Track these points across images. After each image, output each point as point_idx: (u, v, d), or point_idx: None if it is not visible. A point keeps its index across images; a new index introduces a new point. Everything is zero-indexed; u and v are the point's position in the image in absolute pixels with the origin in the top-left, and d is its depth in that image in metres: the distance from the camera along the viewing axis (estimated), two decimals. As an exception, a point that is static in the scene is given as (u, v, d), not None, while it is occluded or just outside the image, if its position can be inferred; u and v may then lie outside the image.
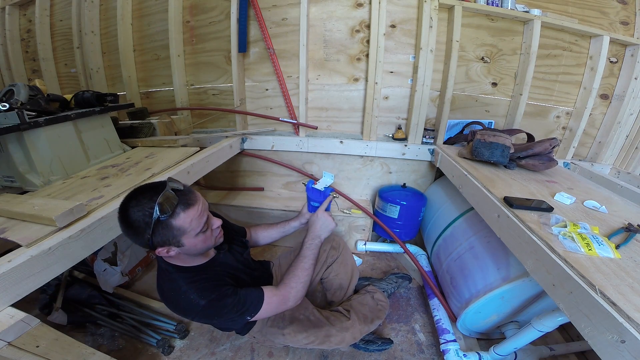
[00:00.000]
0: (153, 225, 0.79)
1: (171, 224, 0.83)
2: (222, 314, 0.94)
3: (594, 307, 0.65)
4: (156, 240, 0.82)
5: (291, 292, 1.04)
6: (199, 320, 0.97)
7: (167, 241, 0.84)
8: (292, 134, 2.05)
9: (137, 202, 0.81)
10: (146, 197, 0.81)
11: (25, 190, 1.22)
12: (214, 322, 0.99)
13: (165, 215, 0.80)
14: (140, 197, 0.82)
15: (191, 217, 0.85)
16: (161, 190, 0.82)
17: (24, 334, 0.74)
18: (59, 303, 1.38)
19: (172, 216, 0.82)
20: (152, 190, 0.82)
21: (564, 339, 1.40)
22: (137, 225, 0.80)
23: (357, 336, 1.17)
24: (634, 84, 1.83)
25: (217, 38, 1.95)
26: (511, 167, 1.48)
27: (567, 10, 1.79)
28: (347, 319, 1.19)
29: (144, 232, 0.80)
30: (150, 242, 0.82)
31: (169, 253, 0.87)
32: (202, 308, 0.90)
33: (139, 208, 0.80)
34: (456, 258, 1.47)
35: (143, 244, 0.83)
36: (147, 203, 0.80)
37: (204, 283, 0.93)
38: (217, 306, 0.91)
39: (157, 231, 0.81)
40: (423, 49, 1.73)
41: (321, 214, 1.21)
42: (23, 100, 1.22)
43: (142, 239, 0.82)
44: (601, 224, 0.97)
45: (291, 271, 1.09)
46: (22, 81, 2.15)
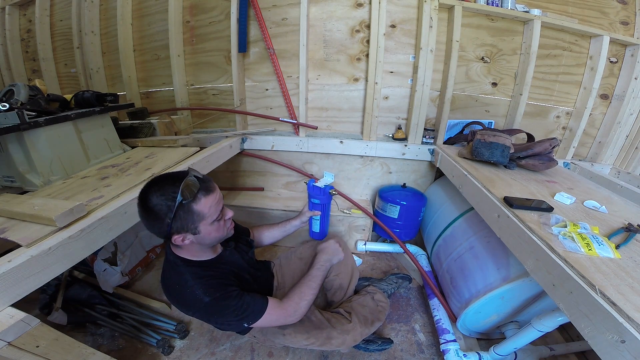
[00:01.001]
0: (175, 208, 0.83)
1: (192, 209, 0.86)
2: (223, 314, 0.94)
3: (594, 307, 0.65)
4: (175, 225, 0.85)
5: (295, 308, 1.06)
6: (200, 316, 0.97)
7: (186, 227, 0.87)
8: (292, 134, 2.05)
9: (160, 187, 0.84)
10: (169, 183, 0.85)
11: (25, 190, 1.22)
12: (213, 320, 0.99)
13: (188, 199, 0.84)
14: (162, 183, 0.86)
15: (210, 203, 0.90)
16: (183, 177, 0.86)
17: (24, 334, 0.74)
18: (59, 303, 1.38)
19: (194, 201, 0.86)
20: (175, 177, 0.87)
21: (564, 339, 1.40)
22: (158, 209, 0.83)
23: (357, 339, 1.17)
24: (634, 84, 1.83)
25: (217, 38, 1.95)
26: (511, 167, 1.48)
27: (567, 10, 1.79)
28: (348, 322, 1.19)
29: (164, 217, 0.83)
30: (169, 227, 0.84)
31: (184, 241, 0.89)
32: (204, 305, 0.91)
33: (162, 192, 0.84)
34: (456, 258, 1.47)
35: (160, 231, 0.86)
36: (170, 187, 0.84)
37: (211, 280, 0.94)
38: (220, 305, 0.92)
39: (178, 215, 0.84)
40: (423, 49, 1.73)
41: (333, 242, 1.27)
42: (23, 100, 1.22)
43: (161, 225, 0.84)
44: (601, 224, 0.97)
45: (298, 288, 1.11)
46: (22, 81, 2.15)
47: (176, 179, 0.86)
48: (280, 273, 1.37)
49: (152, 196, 0.83)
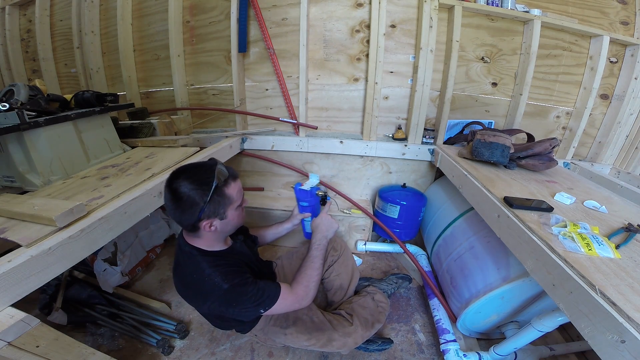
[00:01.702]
0: (211, 192, 0.88)
1: (224, 192, 0.92)
2: (241, 301, 0.96)
3: (594, 307, 0.65)
4: (208, 210, 0.89)
5: (305, 291, 1.08)
6: (217, 306, 0.96)
7: (216, 211, 0.91)
8: (292, 134, 2.05)
9: (192, 175, 0.89)
10: (200, 170, 0.91)
11: (25, 190, 1.22)
12: (230, 309, 0.97)
13: (222, 183, 0.91)
14: (193, 171, 0.90)
15: (237, 188, 0.97)
16: (211, 164, 0.92)
17: (24, 334, 0.74)
18: (59, 303, 1.38)
19: (226, 185, 0.92)
20: (203, 165, 0.93)
21: (564, 339, 1.40)
22: (192, 195, 0.87)
23: (358, 341, 1.17)
24: (634, 84, 1.83)
25: (217, 38, 1.95)
26: (511, 167, 1.48)
27: (567, 10, 1.79)
28: (349, 324, 1.19)
29: (199, 202, 0.87)
30: (201, 212, 0.88)
31: (211, 227, 0.93)
32: (224, 292, 0.92)
33: (196, 179, 0.88)
34: (456, 258, 1.47)
35: (191, 217, 0.89)
36: (205, 174, 0.89)
37: (227, 268, 0.97)
38: (238, 292, 0.94)
39: (212, 199, 0.89)
40: (423, 49, 1.73)
41: (324, 216, 1.27)
42: (23, 100, 1.22)
43: (194, 210, 0.88)
44: (601, 224, 0.97)
45: (303, 271, 1.12)
46: (22, 81, 2.15)
47: (206, 166, 0.92)
48: (282, 273, 1.38)
49: (184, 183, 0.87)
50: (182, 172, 0.90)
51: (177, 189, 0.87)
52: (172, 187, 0.88)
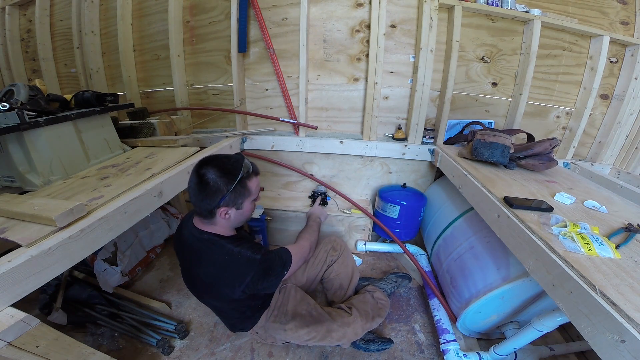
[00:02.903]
0: (237, 181, 0.95)
1: (246, 185, 1.00)
2: (273, 267, 1.04)
3: (594, 307, 0.65)
4: (230, 198, 0.96)
5: (308, 245, 1.25)
6: (256, 279, 1.00)
7: (234, 201, 0.99)
8: (292, 134, 2.05)
9: (220, 164, 0.96)
10: (229, 160, 0.98)
11: (25, 190, 1.22)
12: (264, 282, 1.03)
13: (247, 175, 0.99)
14: (221, 161, 0.98)
15: (257, 183, 1.06)
16: (238, 157, 1.00)
17: (24, 334, 0.73)
18: (59, 303, 1.38)
19: (248, 178, 1.00)
20: (231, 157, 1.00)
21: (564, 339, 1.40)
22: (217, 182, 0.94)
23: (358, 332, 1.18)
24: (634, 84, 1.83)
25: (217, 38, 1.95)
26: (511, 167, 1.48)
27: (567, 10, 1.79)
28: (348, 315, 1.20)
29: (223, 190, 0.94)
30: (222, 199, 0.95)
31: (226, 216, 0.99)
32: (259, 262, 0.99)
33: (223, 168, 0.95)
34: (456, 258, 1.47)
35: (211, 204, 0.96)
36: (232, 164, 0.97)
37: (248, 243, 1.04)
38: (269, 259, 1.03)
39: (236, 189, 0.96)
40: (423, 49, 1.73)
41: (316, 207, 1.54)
42: (23, 100, 1.21)
43: (215, 197, 0.95)
44: (601, 224, 0.97)
45: (303, 235, 1.32)
46: (22, 81, 2.15)
47: (234, 157, 1.00)
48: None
49: (212, 170, 0.94)
50: (212, 160, 0.97)
51: (204, 174, 0.94)
52: (200, 172, 0.94)
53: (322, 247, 1.45)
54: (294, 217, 1.97)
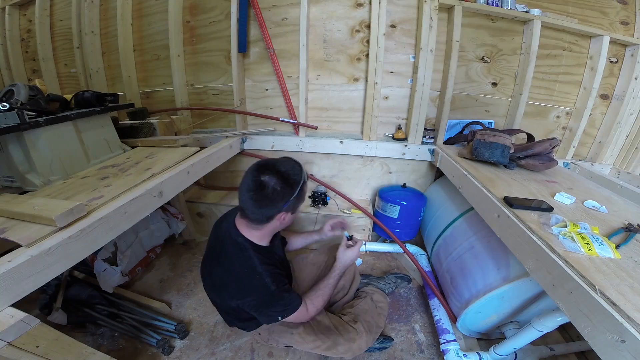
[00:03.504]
0: (300, 186, 0.96)
1: (304, 189, 1.00)
2: (275, 305, 1.00)
3: (594, 307, 0.65)
4: (292, 202, 0.97)
5: (315, 311, 1.14)
6: (256, 302, 0.99)
7: (295, 205, 1.00)
8: (292, 134, 2.05)
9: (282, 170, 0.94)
10: (289, 167, 0.97)
11: (25, 190, 1.22)
12: (262, 309, 1.01)
13: (306, 179, 1.00)
14: (284, 167, 0.96)
15: (308, 187, 1.06)
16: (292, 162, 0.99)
17: (24, 334, 0.74)
18: (59, 303, 1.38)
19: (305, 184, 1.00)
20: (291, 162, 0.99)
21: (564, 339, 1.40)
22: (278, 190, 0.92)
23: (362, 347, 1.17)
24: (634, 84, 1.83)
25: (217, 38, 1.95)
26: (511, 167, 1.48)
27: (567, 10, 1.79)
28: (354, 331, 1.19)
29: (288, 195, 0.94)
30: (287, 204, 0.95)
31: (285, 220, 1.00)
32: (270, 292, 0.96)
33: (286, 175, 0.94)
34: (456, 258, 1.47)
35: (272, 210, 0.95)
36: (292, 171, 0.96)
37: (275, 270, 1.01)
38: (280, 296, 0.99)
39: (299, 193, 0.97)
40: (423, 49, 1.73)
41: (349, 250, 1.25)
42: (23, 100, 1.21)
43: (279, 203, 0.94)
44: (601, 224, 0.97)
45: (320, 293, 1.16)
46: (22, 81, 2.15)
47: (292, 164, 0.99)
48: (294, 277, 1.39)
49: (274, 178, 0.92)
50: (271, 165, 0.95)
51: (266, 181, 0.92)
52: (261, 179, 0.92)
53: (330, 252, 1.46)
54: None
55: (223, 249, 1.04)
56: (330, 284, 1.19)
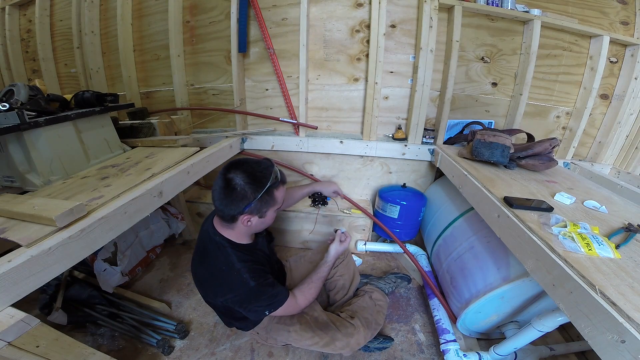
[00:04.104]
0: (265, 190, 0.92)
1: (273, 194, 0.96)
2: (259, 300, 0.99)
3: (594, 307, 0.65)
4: (255, 206, 0.93)
5: (306, 302, 1.13)
6: (237, 300, 0.99)
7: (259, 210, 0.95)
8: (292, 134, 2.05)
9: (251, 169, 0.92)
10: (259, 167, 0.93)
11: (25, 190, 1.22)
12: (245, 306, 1.01)
13: (275, 184, 0.94)
14: (252, 166, 0.93)
15: (282, 193, 1.01)
16: (268, 164, 0.96)
17: (24, 334, 0.73)
18: (59, 303, 1.38)
19: (276, 187, 0.96)
20: (261, 163, 0.96)
21: (564, 339, 1.40)
22: (244, 189, 0.90)
23: (360, 342, 1.17)
24: (634, 84, 1.83)
25: (217, 38, 1.95)
26: (511, 167, 1.48)
27: (567, 10, 1.79)
28: (352, 326, 1.19)
29: (249, 197, 0.91)
30: (247, 207, 0.92)
31: (248, 223, 0.96)
32: (249, 289, 0.95)
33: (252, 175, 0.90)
34: (456, 258, 1.47)
35: (235, 209, 0.92)
36: (262, 171, 0.93)
37: (255, 265, 0.99)
38: (261, 291, 0.98)
39: (263, 197, 0.93)
40: (423, 49, 1.72)
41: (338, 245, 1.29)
42: (23, 100, 1.21)
43: (240, 203, 0.91)
44: (601, 224, 0.97)
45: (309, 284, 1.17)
46: (22, 81, 2.15)
47: (264, 164, 0.95)
48: (290, 275, 1.39)
49: (240, 176, 0.90)
50: (241, 164, 0.93)
51: (232, 179, 0.90)
52: (227, 176, 0.91)
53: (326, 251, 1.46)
54: (294, 217, 1.97)
55: (204, 248, 1.04)
56: (321, 274, 1.20)
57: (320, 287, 1.20)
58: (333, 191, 1.49)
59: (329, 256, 1.24)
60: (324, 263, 1.23)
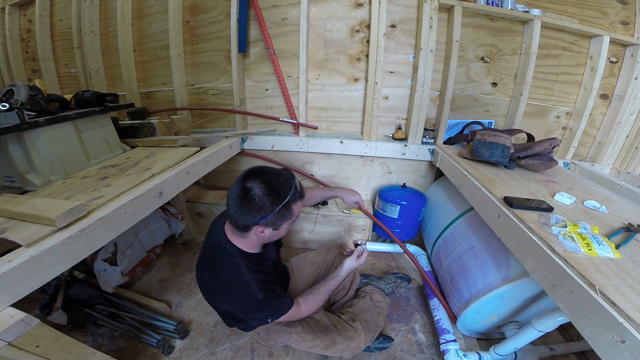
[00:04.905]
0: (283, 204, 0.89)
1: (291, 208, 0.93)
2: (264, 310, 0.99)
3: (594, 307, 0.65)
4: (271, 218, 0.89)
5: (308, 312, 1.13)
6: (243, 310, 0.99)
7: (275, 223, 0.92)
8: (292, 134, 2.05)
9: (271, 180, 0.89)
10: (280, 179, 0.90)
11: (25, 190, 1.22)
12: (250, 315, 1.01)
13: (294, 198, 0.92)
14: (273, 177, 0.90)
15: (300, 207, 0.98)
16: (289, 177, 0.93)
17: (24, 334, 0.73)
18: (59, 303, 1.38)
19: (295, 201, 0.93)
20: (281, 175, 0.92)
21: (564, 339, 1.40)
22: (262, 201, 0.87)
23: (361, 345, 1.17)
24: (634, 84, 1.83)
25: (217, 38, 1.95)
26: (511, 167, 1.48)
27: (567, 10, 1.79)
28: (353, 329, 1.19)
29: (266, 209, 0.88)
30: (263, 219, 0.89)
31: (261, 234, 0.94)
32: (257, 301, 0.95)
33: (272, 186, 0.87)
34: (456, 258, 1.47)
35: (250, 220, 0.89)
36: (282, 184, 0.90)
37: (264, 277, 0.98)
38: (267, 303, 0.97)
39: (280, 211, 0.89)
40: (423, 49, 1.73)
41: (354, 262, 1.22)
42: (23, 100, 1.21)
43: (257, 215, 0.88)
44: (601, 224, 0.97)
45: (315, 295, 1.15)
46: (22, 81, 2.15)
47: (285, 176, 0.92)
48: (292, 277, 1.39)
49: (259, 187, 0.87)
50: (261, 173, 0.90)
51: (250, 189, 0.87)
52: (246, 185, 0.88)
53: (331, 252, 1.47)
54: (294, 217, 1.97)
55: (213, 253, 1.03)
56: (330, 287, 1.18)
57: (326, 300, 1.18)
58: (355, 201, 1.43)
59: (342, 270, 1.20)
60: (335, 276, 1.20)
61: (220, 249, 1.01)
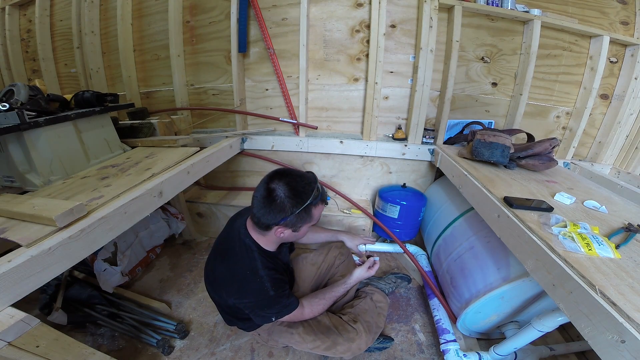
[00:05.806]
0: (303, 207, 0.91)
1: (311, 211, 0.96)
2: (271, 308, 1.00)
3: (594, 307, 0.65)
4: (291, 220, 0.92)
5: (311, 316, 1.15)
6: (251, 305, 1.00)
7: (295, 224, 0.95)
8: (292, 134, 2.05)
9: (295, 182, 0.92)
10: (303, 182, 0.93)
11: (25, 190, 1.22)
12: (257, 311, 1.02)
13: (315, 202, 0.94)
14: (297, 179, 0.93)
15: (320, 211, 1.01)
16: (313, 180, 0.95)
17: (24, 334, 0.73)
18: (59, 303, 1.38)
19: (315, 205, 0.96)
20: (306, 178, 0.95)
21: (564, 339, 1.40)
22: (284, 203, 0.90)
23: (362, 347, 1.17)
24: (634, 84, 1.83)
25: (217, 38, 1.95)
26: (511, 167, 1.48)
27: (567, 10, 1.79)
28: (354, 331, 1.19)
29: (287, 211, 0.90)
30: (284, 219, 0.92)
31: (281, 234, 0.97)
32: (268, 297, 0.97)
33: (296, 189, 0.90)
34: (456, 258, 1.47)
35: (272, 220, 0.92)
36: (305, 187, 0.92)
37: (277, 275, 1.01)
38: (276, 301, 0.99)
39: (300, 213, 0.92)
40: (423, 49, 1.73)
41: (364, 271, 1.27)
42: (23, 100, 1.21)
43: (278, 215, 0.91)
44: (601, 224, 0.97)
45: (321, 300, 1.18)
46: (22, 81, 2.15)
47: (309, 179, 0.95)
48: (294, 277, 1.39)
49: (282, 189, 0.90)
50: (285, 175, 0.93)
51: (274, 190, 0.91)
52: (270, 186, 0.91)
53: (331, 252, 1.47)
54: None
55: (230, 246, 1.05)
56: (336, 294, 1.21)
57: (330, 305, 1.21)
58: (357, 244, 1.49)
59: (351, 279, 1.23)
60: (342, 283, 1.22)
61: (239, 242, 1.03)
